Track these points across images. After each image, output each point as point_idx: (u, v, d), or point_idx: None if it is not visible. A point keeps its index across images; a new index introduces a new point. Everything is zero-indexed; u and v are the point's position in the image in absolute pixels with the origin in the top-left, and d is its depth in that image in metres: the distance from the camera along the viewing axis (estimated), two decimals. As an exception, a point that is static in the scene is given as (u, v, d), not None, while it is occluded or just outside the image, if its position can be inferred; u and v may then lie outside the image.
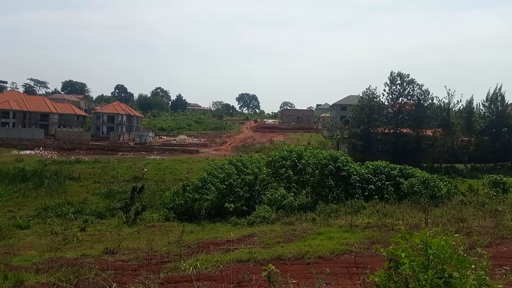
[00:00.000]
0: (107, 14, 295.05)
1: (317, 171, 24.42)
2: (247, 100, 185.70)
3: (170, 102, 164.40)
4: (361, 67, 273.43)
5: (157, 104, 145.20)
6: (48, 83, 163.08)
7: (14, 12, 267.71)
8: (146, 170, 46.92)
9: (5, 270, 10.28)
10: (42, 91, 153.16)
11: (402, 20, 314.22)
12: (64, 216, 27.46)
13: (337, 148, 47.09)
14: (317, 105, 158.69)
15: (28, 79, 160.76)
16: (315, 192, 23.44)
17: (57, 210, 29.53)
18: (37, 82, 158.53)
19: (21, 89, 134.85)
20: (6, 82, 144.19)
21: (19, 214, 28.42)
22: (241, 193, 23.30)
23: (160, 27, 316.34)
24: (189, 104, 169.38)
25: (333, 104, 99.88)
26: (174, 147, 72.88)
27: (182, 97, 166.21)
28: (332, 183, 23.28)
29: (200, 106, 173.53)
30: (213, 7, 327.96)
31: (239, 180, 24.31)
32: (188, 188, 25.65)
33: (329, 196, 22.42)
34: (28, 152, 61.63)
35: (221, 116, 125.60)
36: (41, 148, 65.17)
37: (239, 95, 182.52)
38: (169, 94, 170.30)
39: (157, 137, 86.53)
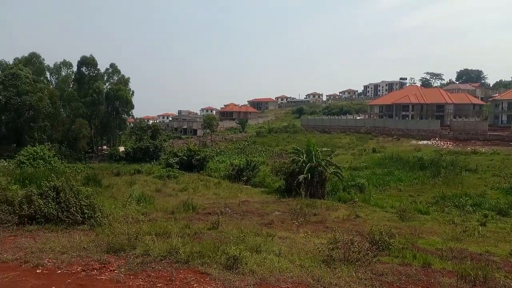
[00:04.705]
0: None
1: None
2: None
3: None
4: None
5: None
6: (443, 74, 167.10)
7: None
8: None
9: (412, 250, 11.30)
10: (437, 83, 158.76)
11: None
12: (462, 207, 27.00)
13: None
14: None
15: (424, 73, 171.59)
16: None
17: (454, 200, 29.57)
18: (433, 75, 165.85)
19: (418, 83, 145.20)
20: (406, 79, 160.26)
21: (418, 199, 30.61)
22: None
23: None
24: None
25: None
26: None
27: None
28: None
29: None
30: None
31: None
32: None
33: None
34: (424, 142, 65.44)
35: None
36: (436, 139, 67.46)
37: None
38: None
39: None
